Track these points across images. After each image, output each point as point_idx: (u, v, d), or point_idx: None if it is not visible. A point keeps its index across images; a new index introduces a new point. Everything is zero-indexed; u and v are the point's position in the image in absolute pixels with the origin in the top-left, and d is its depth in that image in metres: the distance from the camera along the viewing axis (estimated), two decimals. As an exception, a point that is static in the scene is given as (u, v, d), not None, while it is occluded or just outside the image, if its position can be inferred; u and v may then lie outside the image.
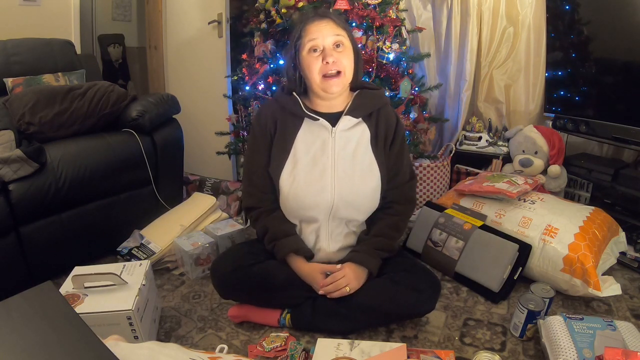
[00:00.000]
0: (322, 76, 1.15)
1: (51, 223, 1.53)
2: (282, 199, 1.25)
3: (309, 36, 1.15)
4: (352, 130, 1.23)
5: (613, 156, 2.08)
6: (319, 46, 1.14)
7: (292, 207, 1.24)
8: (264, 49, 1.94)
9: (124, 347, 0.63)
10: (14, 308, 0.56)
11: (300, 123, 1.23)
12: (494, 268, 1.42)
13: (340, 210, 1.22)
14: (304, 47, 1.15)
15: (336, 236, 1.27)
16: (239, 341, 1.27)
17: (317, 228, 1.26)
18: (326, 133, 1.21)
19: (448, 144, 2.29)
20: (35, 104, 1.65)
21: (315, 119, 1.21)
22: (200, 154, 2.59)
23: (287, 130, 1.23)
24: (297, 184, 1.20)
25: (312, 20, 1.17)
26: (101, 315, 1.08)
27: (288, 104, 1.23)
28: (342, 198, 1.20)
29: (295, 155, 1.21)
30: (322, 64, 1.14)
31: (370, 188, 1.23)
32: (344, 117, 1.21)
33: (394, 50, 1.88)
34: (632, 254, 1.61)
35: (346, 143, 1.22)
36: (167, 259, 1.67)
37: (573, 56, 1.97)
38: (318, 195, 1.20)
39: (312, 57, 1.15)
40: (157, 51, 2.82)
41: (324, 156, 1.21)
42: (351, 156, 1.22)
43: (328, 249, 1.27)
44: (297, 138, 1.22)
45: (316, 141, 1.21)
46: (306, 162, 1.20)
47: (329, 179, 1.20)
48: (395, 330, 1.28)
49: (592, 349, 1.02)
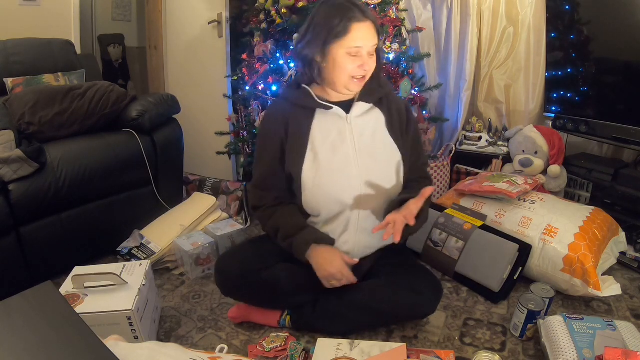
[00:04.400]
0: (350, 77, 1.13)
1: (51, 223, 1.53)
2: (305, 194, 1.19)
3: (353, 40, 1.07)
4: (367, 116, 1.20)
5: (613, 156, 2.07)
6: (361, 52, 1.10)
7: (319, 201, 1.18)
8: (264, 49, 1.94)
9: (124, 347, 0.63)
10: (14, 308, 0.56)
11: (312, 115, 1.19)
12: (494, 268, 1.42)
13: (368, 196, 1.18)
14: (344, 47, 1.08)
15: (364, 230, 1.21)
16: (239, 341, 1.27)
17: (346, 221, 1.20)
18: (341, 121, 1.18)
19: (448, 144, 2.29)
20: (35, 104, 1.65)
21: (328, 107, 1.17)
22: (200, 154, 2.59)
23: (300, 125, 1.19)
24: (320, 175, 1.16)
25: (357, 19, 1.07)
26: (101, 315, 1.08)
27: (298, 98, 1.20)
28: (369, 182, 1.17)
29: (313, 147, 1.17)
30: (356, 67, 1.11)
31: (394, 170, 1.20)
32: (357, 103, 1.19)
33: (394, 50, 1.88)
34: (632, 254, 1.61)
35: (363, 129, 1.19)
36: (167, 259, 1.67)
37: (573, 56, 1.97)
38: (344, 183, 1.16)
39: (348, 59, 1.10)
40: (157, 51, 2.82)
41: (344, 144, 1.17)
42: (371, 140, 1.19)
43: (355, 242, 1.22)
44: (312, 130, 1.18)
45: (332, 130, 1.18)
46: (326, 152, 1.17)
47: (354, 166, 1.17)
48: (395, 330, 1.28)
49: (592, 349, 1.02)
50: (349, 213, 1.19)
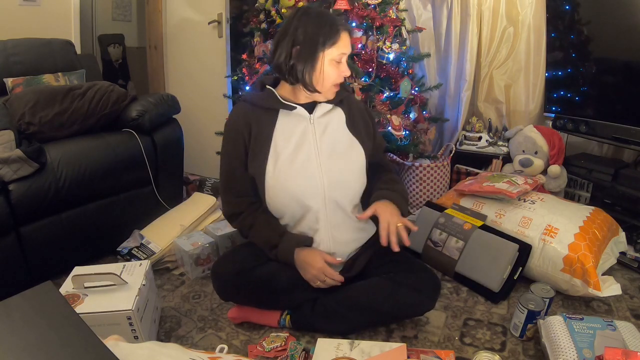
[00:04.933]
0: (334, 83, 1.19)
1: (51, 223, 1.53)
2: (269, 196, 1.21)
3: (343, 47, 1.15)
4: (328, 115, 1.24)
5: (613, 156, 2.07)
6: (342, 59, 1.17)
7: (283, 202, 1.20)
8: (264, 49, 1.94)
9: (124, 347, 0.63)
10: (14, 308, 0.56)
11: (275, 116, 1.22)
12: (493, 268, 1.42)
13: (332, 193, 1.20)
14: (333, 53, 1.14)
15: (336, 226, 1.23)
16: (239, 341, 1.27)
17: (315, 220, 1.22)
18: (304, 121, 1.21)
19: (448, 144, 2.29)
20: (35, 104, 1.65)
21: (292, 107, 1.20)
22: (200, 154, 2.59)
23: (262, 127, 1.21)
24: (283, 176, 1.18)
25: (343, 27, 1.15)
26: (101, 315, 1.08)
27: (261, 99, 1.22)
28: (331, 179, 1.19)
29: (276, 149, 1.19)
30: (339, 74, 1.17)
31: (356, 165, 1.24)
32: (321, 104, 1.22)
33: (394, 50, 1.88)
34: (632, 254, 1.61)
35: (325, 127, 1.22)
36: (167, 259, 1.67)
37: (573, 56, 1.97)
38: (307, 181, 1.18)
39: (333, 65, 1.15)
40: (157, 51, 2.82)
41: (305, 143, 1.20)
42: (332, 138, 1.22)
43: (329, 240, 1.24)
44: (275, 132, 1.20)
45: (295, 131, 1.20)
46: (288, 153, 1.19)
47: (315, 163, 1.19)
48: (395, 330, 1.28)
49: (592, 349, 1.02)
50: (316, 212, 1.21)
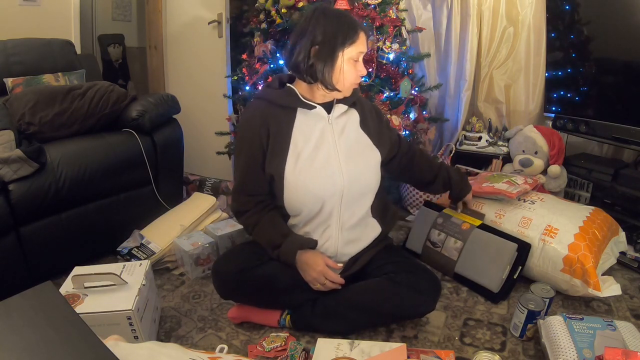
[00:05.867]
0: (354, 82, 1.20)
1: (51, 223, 1.53)
2: (288, 195, 1.20)
3: (361, 46, 1.16)
4: (345, 116, 1.25)
5: (613, 156, 2.07)
6: (360, 58, 1.18)
7: (303, 200, 1.20)
8: (264, 49, 1.94)
9: (124, 347, 0.63)
10: (14, 308, 0.56)
11: (294, 114, 1.21)
12: (493, 268, 1.42)
13: (351, 192, 1.21)
14: (352, 52, 1.15)
15: (345, 225, 1.24)
16: (239, 341, 1.27)
17: (327, 218, 1.22)
18: (323, 121, 1.22)
19: (448, 144, 2.29)
20: (35, 104, 1.65)
21: (312, 107, 1.20)
22: (200, 154, 2.59)
23: (281, 126, 1.20)
24: (304, 175, 1.18)
25: (360, 27, 1.17)
26: (101, 315, 1.08)
27: (280, 97, 1.21)
28: (351, 178, 1.20)
29: (296, 148, 1.19)
30: (357, 73, 1.18)
31: (372, 165, 1.27)
32: (337, 105, 1.23)
33: (394, 50, 1.88)
34: (632, 254, 1.61)
35: (342, 128, 1.24)
36: (167, 259, 1.67)
37: (573, 56, 1.97)
38: (328, 180, 1.18)
39: (352, 64, 1.16)
40: (157, 51, 2.82)
41: (325, 143, 1.20)
42: (349, 138, 1.24)
43: (339, 237, 1.24)
44: (294, 131, 1.20)
45: (314, 129, 1.20)
46: (308, 152, 1.19)
47: (335, 163, 1.20)
48: (395, 330, 1.28)
49: (592, 349, 1.02)
50: (331, 209, 1.22)
